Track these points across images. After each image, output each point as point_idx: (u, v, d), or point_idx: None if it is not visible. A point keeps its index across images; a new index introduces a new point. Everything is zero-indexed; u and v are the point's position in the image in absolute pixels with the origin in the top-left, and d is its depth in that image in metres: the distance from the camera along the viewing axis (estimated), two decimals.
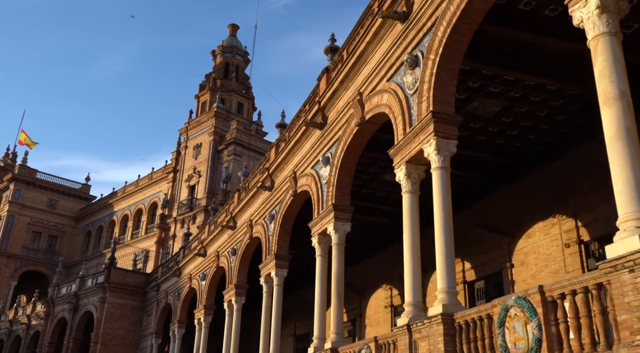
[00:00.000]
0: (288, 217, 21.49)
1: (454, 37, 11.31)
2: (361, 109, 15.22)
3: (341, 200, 16.54)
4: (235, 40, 63.84)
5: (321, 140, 18.23)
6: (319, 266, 17.47)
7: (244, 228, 26.14)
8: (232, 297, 26.50)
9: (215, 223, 31.81)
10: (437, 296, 10.70)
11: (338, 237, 16.25)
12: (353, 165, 16.68)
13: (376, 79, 14.61)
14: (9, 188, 73.02)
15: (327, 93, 17.45)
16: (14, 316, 58.66)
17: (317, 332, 16.85)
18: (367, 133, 15.77)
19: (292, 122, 21.74)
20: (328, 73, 18.50)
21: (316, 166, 18.71)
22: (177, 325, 35.38)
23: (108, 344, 41.03)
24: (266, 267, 22.35)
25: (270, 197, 23.17)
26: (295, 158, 20.74)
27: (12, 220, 71.04)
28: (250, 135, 55.86)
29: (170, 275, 38.27)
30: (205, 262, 32.25)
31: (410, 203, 12.36)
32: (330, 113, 17.78)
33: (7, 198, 71.96)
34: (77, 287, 45.21)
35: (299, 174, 20.17)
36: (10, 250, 69.90)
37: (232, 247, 27.77)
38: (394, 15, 12.97)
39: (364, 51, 15.11)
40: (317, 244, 17.54)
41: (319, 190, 17.93)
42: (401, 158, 12.56)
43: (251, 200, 25.60)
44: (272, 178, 22.96)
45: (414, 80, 12.57)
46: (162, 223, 57.60)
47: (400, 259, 25.87)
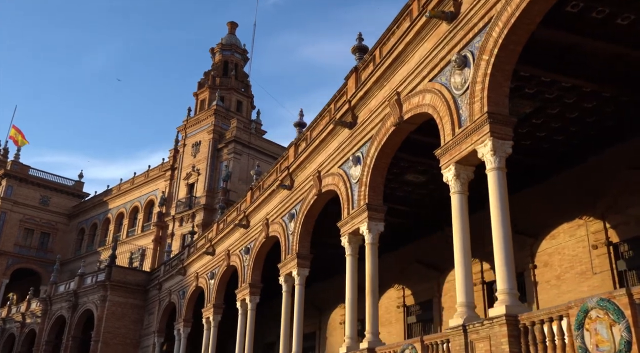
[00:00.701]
0: (310, 217, 21.46)
1: (510, 38, 11.32)
2: (399, 108, 15.20)
3: (374, 199, 16.53)
4: (235, 38, 63.59)
5: (351, 139, 18.19)
6: (349, 265, 17.45)
7: (259, 227, 26.04)
8: (246, 296, 26.39)
9: (224, 222, 31.66)
10: (497, 297, 10.68)
11: (372, 236, 16.24)
12: (386, 165, 16.68)
13: (416, 79, 14.60)
14: (1, 185, 72.22)
15: (359, 92, 17.42)
16: (7, 314, 58.04)
17: (349, 332, 16.83)
18: (403, 133, 15.76)
19: (315, 121, 21.69)
20: (357, 72, 18.48)
21: (344, 165, 18.67)
22: (183, 324, 35.19)
23: (109, 343, 40.70)
24: (286, 266, 22.29)
25: (290, 196, 23.10)
26: (319, 157, 20.68)
27: (4, 217, 70.28)
28: (250, 134, 55.68)
29: (174, 273, 38.05)
30: (213, 261, 32.09)
31: (460, 204, 12.36)
32: (360, 112, 17.76)
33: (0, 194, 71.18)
34: (77, 285, 44.82)
35: (323, 173, 20.12)
36: (2, 247, 69.10)
37: (245, 245, 27.66)
38: (441, 15, 12.97)
39: (403, 51, 15.10)
40: (347, 244, 17.51)
41: (348, 189, 17.89)
42: (450, 158, 12.56)
43: (267, 199, 25.50)
44: (292, 178, 22.90)
45: (462, 81, 12.58)
46: (160, 222, 57.21)
47: (413, 259, 26.03)
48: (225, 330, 34.92)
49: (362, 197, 16.77)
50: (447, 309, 24.46)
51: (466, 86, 12.41)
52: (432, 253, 25.52)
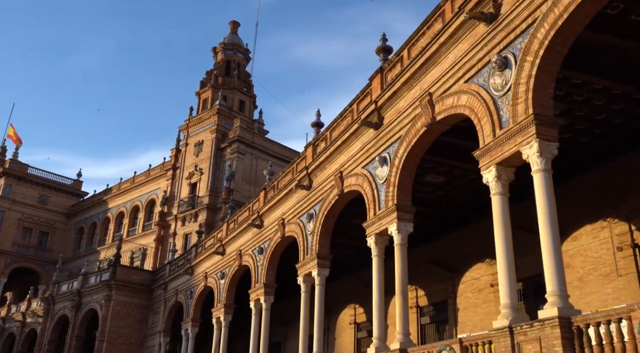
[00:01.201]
0: (330, 217, 21.43)
1: (556, 40, 11.32)
2: (431, 109, 15.18)
3: (403, 200, 16.51)
4: (237, 38, 63.47)
5: (376, 140, 18.16)
6: (376, 266, 17.43)
7: (274, 227, 25.97)
8: (260, 296, 26.32)
9: (235, 221, 31.58)
10: (547, 299, 10.66)
11: (401, 237, 16.21)
12: (415, 166, 16.66)
13: (451, 80, 14.59)
14: None
15: (386, 93, 17.40)
16: (7, 313, 57.71)
17: (377, 333, 16.80)
18: (434, 134, 15.75)
19: (336, 121, 21.66)
20: (382, 73, 18.47)
21: (369, 166, 18.65)
22: (191, 323, 35.06)
23: (114, 342, 40.52)
24: (305, 266, 22.25)
25: (308, 197, 23.06)
26: (341, 157, 20.64)
27: (3, 215, 69.91)
28: (253, 134, 55.57)
29: (181, 273, 37.91)
30: (223, 261, 32.00)
31: (501, 205, 12.35)
32: (387, 113, 17.73)
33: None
34: (80, 285, 44.60)
35: (346, 173, 20.08)
36: (1, 246, 68.73)
37: (258, 245, 27.58)
38: (480, 17, 12.96)
39: (436, 52, 15.09)
40: (374, 244, 17.49)
41: (374, 190, 17.87)
42: (490, 159, 12.55)
43: (283, 199, 25.45)
44: (311, 178, 22.86)
45: (503, 82, 12.57)
46: (162, 221, 57.04)
47: (427, 260, 25.98)
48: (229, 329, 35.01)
49: (391, 197, 16.73)
50: (463, 310, 24.50)
51: (507, 87, 12.40)
52: (446, 254, 25.54)
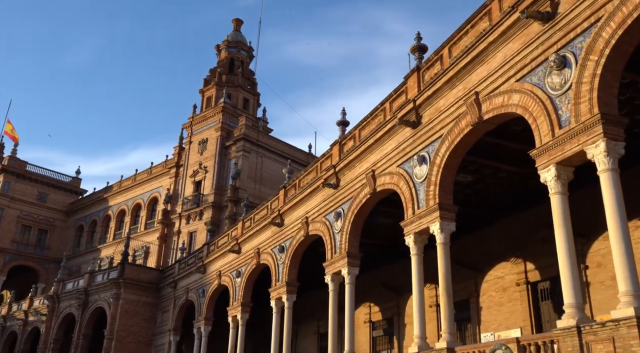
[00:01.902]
0: (361, 215, 21.38)
1: (623, 39, 11.32)
2: (477, 108, 15.16)
3: (445, 199, 16.49)
4: (240, 35, 63.25)
5: (414, 138, 18.12)
6: (415, 265, 17.40)
7: (297, 225, 25.89)
8: (282, 295, 26.23)
9: (252, 220, 31.44)
10: (620, 299, 10.64)
11: (444, 236, 16.19)
12: (457, 165, 16.65)
13: (500, 79, 14.56)
14: None
15: (426, 92, 17.36)
16: (8, 312, 57.26)
17: (418, 332, 16.74)
18: (479, 133, 15.73)
19: (366, 119, 21.60)
20: (419, 71, 18.43)
21: (405, 164, 18.61)
22: (204, 322, 34.90)
23: (122, 341, 40.29)
24: (333, 265, 22.19)
25: (335, 195, 22.98)
26: (372, 156, 20.59)
27: (1, 213, 69.44)
28: (258, 132, 55.39)
29: (193, 271, 37.73)
30: (239, 259, 31.87)
31: (561, 205, 12.35)
32: (425, 112, 17.70)
33: None
34: (86, 283, 44.30)
35: (378, 172, 20.03)
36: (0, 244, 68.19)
37: (279, 244, 27.49)
38: (536, 16, 12.94)
39: (483, 51, 15.06)
40: (413, 243, 17.45)
41: (411, 189, 17.83)
42: (549, 159, 12.53)
43: (306, 198, 25.38)
44: (338, 177, 22.79)
45: (562, 81, 12.56)
46: (165, 219, 56.78)
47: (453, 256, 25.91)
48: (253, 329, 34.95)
49: (432, 196, 16.70)
50: (486, 309, 24.53)
51: (567, 86, 12.39)
52: (467, 254, 25.50)
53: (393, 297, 30.04)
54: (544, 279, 22.09)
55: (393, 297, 30.03)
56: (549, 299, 21.81)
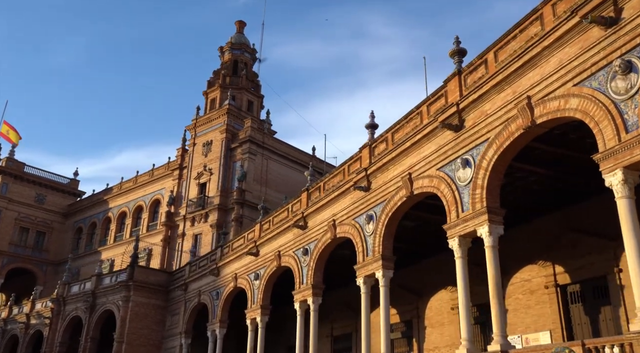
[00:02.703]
0: (395, 218, 21.45)
1: None
2: (529, 112, 15.29)
3: (492, 202, 16.59)
4: (244, 37, 63.17)
5: (456, 142, 18.23)
6: (460, 268, 17.50)
7: (323, 228, 25.92)
8: (308, 297, 26.24)
9: (270, 222, 31.42)
10: None
11: (492, 239, 16.29)
12: (504, 168, 16.78)
13: (555, 83, 14.69)
14: None
15: (470, 95, 17.47)
16: (9, 315, 56.72)
17: (466, 334, 16.76)
18: (529, 136, 15.87)
19: (399, 123, 21.68)
20: (460, 75, 18.54)
21: (445, 168, 18.70)
22: (219, 325, 34.80)
23: (133, 343, 40.05)
24: (366, 267, 22.23)
25: (366, 198, 23.04)
26: (407, 159, 20.67)
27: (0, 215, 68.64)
28: (264, 134, 55.32)
29: (205, 274, 37.61)
30: (258, 262, 31.82)
31: (629, 208, 12.45)
32: (469, 115, 17.81)
33: None
34: (94, 285, 43.99)
35: (415, 175, 20.11)
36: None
37: (302, 246, 27.50)
38: (600, 21, 13.08)
39: (537, 55, 15.17)
40: (457, 246, 17.55)
41: (454, 192, 17.93)
42: (615, 163, 12.66)
43: (333, 200, 25.40)
44: (369, 179, 22.84)
45: (628, 86, 12.70)
46: (169, 221, 56.50)
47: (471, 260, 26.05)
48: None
49: (479, 200, 16.80)
50: (513, 311, 24.59)
51: (633, 91, 12.53)
52: None
53: (413, 300, 30.11)
54: (574, 282, 22.21)
55: (413, 299, 30.10)
56: (579, 302, 21.94)
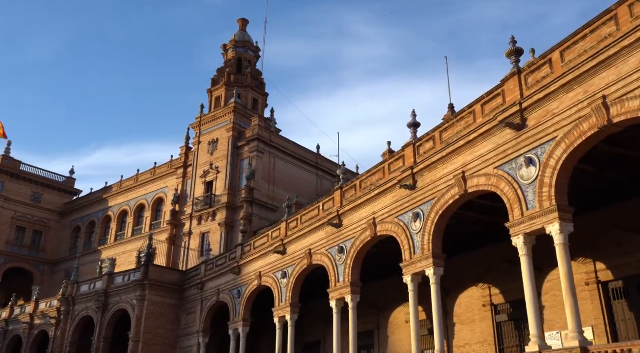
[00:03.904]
0: (445, 216, 21.66)
1: None
2: (605, 112, 15.56)
3: (561, 200, 16.84)
4: (247, 35, 62.99)
5: (518, 141, 18.47)
6: (526, 266, 17.71)
7: (361, 226, 26.06)
8: (345, 295, 26.38)
9: (298, 220, 31.46)
10: None
11: (563, 237, 16.53)
12: (572, 167, 17.03)
13: (635, 83, 14.95)
14: None
15: (535, 95, 17.73)
16: (10, 315, 56.02)
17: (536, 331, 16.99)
18: (601, 136, 16.13)
19: (448, 122, 21.89)
20: (520, 75, 18.78)
21: (505, 166, 18.94)
22: (242, 323, 34.78)
23: (149, 343, 39.83)
24: (414, 265, 22.41)
25: (412, 196, 23.21)
26: (460, 158, 20.87)
27: None
28: (270, 132, 55.28)
29: (224, 272, 37.53)
30: (285, 260, 31.84)
31: None
32: (532, 114, 18.06)
33: None
34: (105, 285, 43.63)
35: (469, 174, 20.32)
36: None
37: (337, 244, 27.59)
38: None
39: (613, 55, 15.43)
40: (523, 244, 17.79)
41: (516, 190, 18.17)
42: None
43: (372, 199, 25.53)
44: (415, 178, 23.02)
45: None
46: (174, 220, 56.21)
47: (502, 259, 26.29)
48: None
49: (547, 198, 17.04)
50: (550, 308, 24.91)
51: None
52: None
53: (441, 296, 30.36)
54: (617, 279, 22.58)
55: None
56: (622, 298, 22.32)
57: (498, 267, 26.99)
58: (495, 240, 26.88)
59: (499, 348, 26.69)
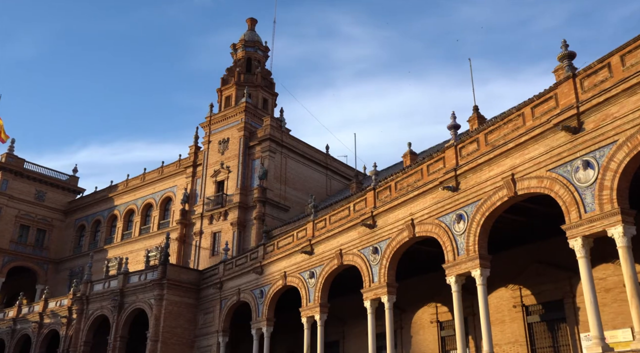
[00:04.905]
0: (491, 218, 21.84)
1: None
2: None
3: (623, 203, 17.04)
4: (256, 35, 62.97)
5: (573, 144, 18.65)
6: (584, 267, 17.90)
7: (398, 226, 26.19)
8: (382, 296, 26.51)
9: (326, 221, 31.53)
10: None
11: (626, 240, 16.73)
12: (634, 170, 17.24)
13: None
14: None
15: (594, 99, 17.92)
16: (17, 314, 55.74)
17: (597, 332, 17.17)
18: None
19: (494, 124, 22.05)
20: (574, 78, 18.96)
21: (559, 169, 19.11)
22: (266, 323, 34.82)
23: (167, 342, 39.76)
24: (459, 266, 22.60)
25: (454, 198, 23.37)
26: (508, 160, 21.04)
27: (0, 212, 67.30)
28: (282, 132, 55.31)
29: (247, 272, 37.52)
30: (312, 260, 31.91)
31: None
32: (589, 118, 18.25)
33: None
34: (121, 284, 43.48)
35: (519, 176, 20.50)
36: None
37: (371, 245, 27.70)
38: None
39: None
40: (580, 246, 17.97)
41: (573, 193, 18.36)
42: None
43: (410, 200, 25.65)
44: (458, 179, 23.18)
45: None
46: (184, 219, 56.10)
47: (533, 259, 26.49)
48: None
49: (607, 200, 17.24)
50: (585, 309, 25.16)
51: None
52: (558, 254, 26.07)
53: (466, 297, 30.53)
54: None
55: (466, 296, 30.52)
56: None
57: (528, 268, 27.22)
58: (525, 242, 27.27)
59: (530, 348, 26.87)
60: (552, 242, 26.13)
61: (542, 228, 25.60)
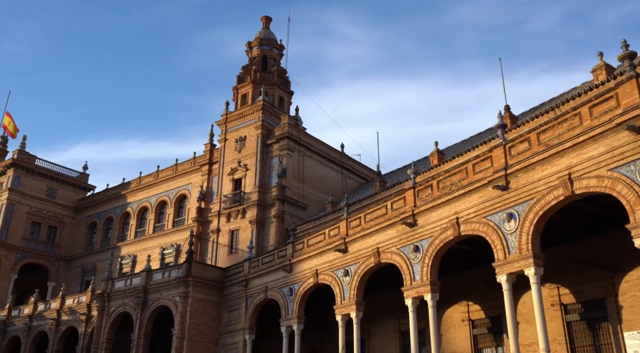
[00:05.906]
0: (544, 217, 21.93)
1: None
2: None
3: None
4: (271, 33, 62.96)
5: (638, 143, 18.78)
6: None
7: (441, 225, 26.25)
8: (425, 294, 26.59)
9: (361, 219, 31.59)
10: None
11: None
12: None
13: None
14: (6, 175, 68.86)
15: None
16: (33, 311, 55.62)
17: None
18: None
19: (547, 124, 22.16)
20: (638, 78, 19.08)
21: (621, 168, 19.22)
22: (296, 320, 34.86)
23: (193, 340, 39.77)
24: (510, 265, 22.66)
25: (503, 197, 23.46)
26: (563, 159, 21.12)
27: (12, 208, 67.34)
28: (299, 130, 55.34)
29: (275, 269, 37.54)
30: (346, 258, 31.95)
31: None
32: None
33: (7, 185, 67.76)
34: (144, 281, 43.43)
35: (576, 175, 20.60)
36: (10, 241, 66.32)
37: (412, 243, 27.77)
38: None
39: None
40: None
41: (637, 192, 18.50)
42: None
43: (454, 199, 25.74)
44: (508, 179, 23.28)
45: None
46: (200, 217, 56.05)
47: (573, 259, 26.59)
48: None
49: None
50: (629, 308, 25.23)
51: None
52: (598, 254, 26.21)
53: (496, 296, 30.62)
54: None
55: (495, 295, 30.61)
56: None
57: (567, 267, 27.33)
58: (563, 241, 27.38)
59: (570, 347, 26.96)
60: (590, 241, 26.30)
61: (581, 227, 25.77)
